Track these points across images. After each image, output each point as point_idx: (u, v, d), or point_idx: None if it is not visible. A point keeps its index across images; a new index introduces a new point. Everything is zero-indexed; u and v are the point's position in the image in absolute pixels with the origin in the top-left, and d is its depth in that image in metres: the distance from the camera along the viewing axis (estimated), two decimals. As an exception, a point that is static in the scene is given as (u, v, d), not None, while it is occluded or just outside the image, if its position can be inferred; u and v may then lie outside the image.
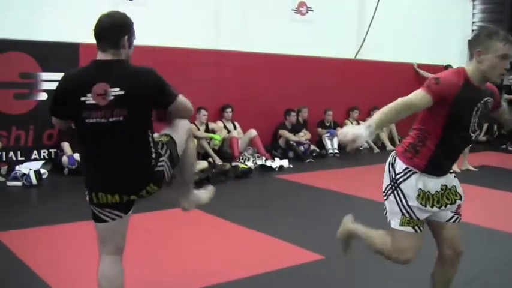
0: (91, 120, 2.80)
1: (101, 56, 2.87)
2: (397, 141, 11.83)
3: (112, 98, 2.78)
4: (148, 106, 2.92)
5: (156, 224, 5.63)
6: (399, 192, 3.16)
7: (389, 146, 11.47)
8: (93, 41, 2.86)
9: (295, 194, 7.37)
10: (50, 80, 7.89)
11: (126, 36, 2.87)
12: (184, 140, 3.22)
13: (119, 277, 3.04)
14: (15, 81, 7.72)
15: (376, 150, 11.22)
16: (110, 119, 2.80)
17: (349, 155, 10.41)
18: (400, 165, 3.16)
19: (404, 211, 3.16)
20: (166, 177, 3.03)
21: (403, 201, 3.15)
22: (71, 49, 7.93)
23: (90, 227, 3.08)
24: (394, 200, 3.18)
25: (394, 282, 4.27)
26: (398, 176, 3.16)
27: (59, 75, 8.82)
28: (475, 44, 3.01)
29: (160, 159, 2.97)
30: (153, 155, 2.94)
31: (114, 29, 2.84)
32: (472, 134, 3.13)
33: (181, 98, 3.01)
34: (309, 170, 9.10)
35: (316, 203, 6.89)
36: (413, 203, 3.13)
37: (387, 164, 3.26)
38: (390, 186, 3.20)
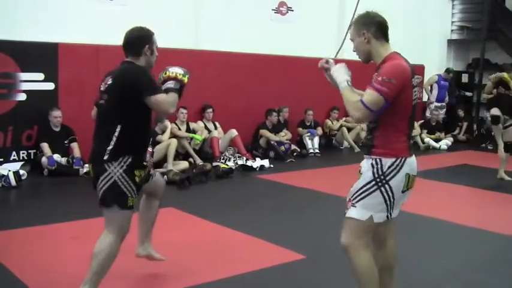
0: (98, 101, 3.59)
1: (125, 58, 3.61)
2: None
3: (107, 85, 3.50)
4: (122, 98, 3.40)
5: (134, 224, 5.59)
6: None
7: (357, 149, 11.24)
8: (72, 40, 2.89)
9: (276, 194, 7.38)
10: (28, 81, 7.83)
11: (147, 46, 3.57)
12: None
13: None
14: (-7, 82, 7.64)
15: (357, 149, 11.15)
16: (100, 102, 3.55)
17: (330, 154, 10.44)
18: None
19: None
20: (102, 183, 3.44)
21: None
22: (50, 49, 7.76)
23: (71, 228, 3.07)
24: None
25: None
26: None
27: (38, 76, 8.76)
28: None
29: (113, 163, 3.41)
30: (110, 147, 3.39)
31: (132, 41, 3.57)
32: None
33: (156, 97, 3.43)
34: (290, 169, 9.11)
35: (297, 202, 6.92)
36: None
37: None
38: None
